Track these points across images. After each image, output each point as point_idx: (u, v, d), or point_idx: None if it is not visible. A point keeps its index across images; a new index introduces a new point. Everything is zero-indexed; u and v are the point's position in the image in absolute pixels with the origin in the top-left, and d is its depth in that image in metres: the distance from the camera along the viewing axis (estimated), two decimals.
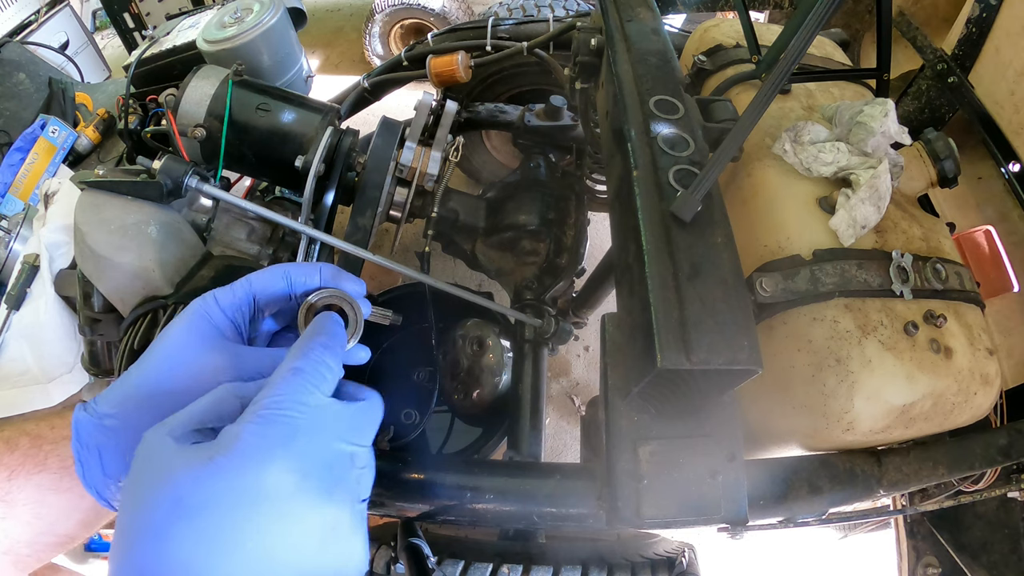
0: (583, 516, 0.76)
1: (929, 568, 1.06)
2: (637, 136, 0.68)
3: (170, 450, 0.38)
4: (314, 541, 0.38)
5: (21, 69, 1.76)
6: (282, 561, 0.36)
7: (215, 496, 0.36)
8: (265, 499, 0.36)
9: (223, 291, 0.48)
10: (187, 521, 0.35)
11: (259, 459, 0.37)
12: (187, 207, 0.99)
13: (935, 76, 1.11)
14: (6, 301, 1.13)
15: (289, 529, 0.37)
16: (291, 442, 0.38)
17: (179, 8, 2.49)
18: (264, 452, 0.37)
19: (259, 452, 0.37)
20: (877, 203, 0.75)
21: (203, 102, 1.03)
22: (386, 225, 1.25)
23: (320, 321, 0.48)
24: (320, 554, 0.38)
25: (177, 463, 0.37)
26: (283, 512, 0.37)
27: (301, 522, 0.37)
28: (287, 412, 0.39)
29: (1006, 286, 0.95)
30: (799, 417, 0.73)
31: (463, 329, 1.42)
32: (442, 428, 1.75)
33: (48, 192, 1.18)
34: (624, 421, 0.64)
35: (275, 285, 0.50)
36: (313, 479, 0.38)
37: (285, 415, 0.39)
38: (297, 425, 0.39)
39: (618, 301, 0.72)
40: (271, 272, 0.50)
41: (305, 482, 0.38)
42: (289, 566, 0.37)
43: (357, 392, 0.46)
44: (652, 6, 0.92)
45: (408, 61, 1.60)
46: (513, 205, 1.43)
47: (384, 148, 1.07)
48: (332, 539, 0.38)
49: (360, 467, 0.42)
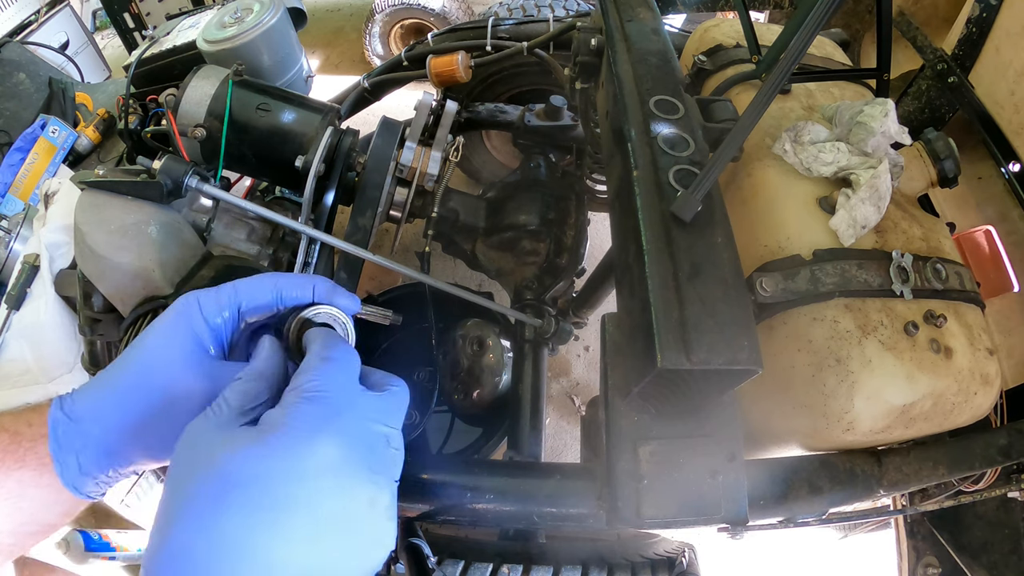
0: (583, 516, 0.76)
1: (929, 568, 1.06)
2: (637, 136, 0.68)
3: (215, 435, 0.39)
4: (359, 514, 0.39)
5: (21, 69, 1.76)
6: (329, 534, 0.37)
7: (266, 472, 0.36)
8: (314, 474, 0.37)
9: (207, 295, 0.48)
10: (238, 494, 0.36)
11: (307, 436, 0.38)
12: (187, 207, 0.99)
13: (935, 76, 1.11)
14: (6, 301, 1.13)
15: (336, 503, 0.38)
16: (335, 420, 0.40)
17: (179, 8, 2.49)
18: (311, 430, 0.38)
19: (307, 429, 0.38)
20: (877, 203, 0.75)
21: (203, 102, 1.03)
22: (386, 225, 1.25)
23: (321, 333, 0.48)
24: (362, 528, 0.39)
25: (224, 445, 0.38)
26: (331, 486, 0.38)
27: (347, 496, 0.38)
28: (328, 394, 0.41)
29: (1006, 286, 0.95)
30: (799, 417, 0.73)
31: (463, 329, 1.42)
32: (442, 428, 1.75)
33: (48, 192, 1.18)
34: (624, 421, 0.64)
35: (263, 297, 0.49)
36: (357, 455, 0.39)
37: (327, 396, 0.41)
38: (339, 406, 0.41)
39: (618, 301, 0.72)
40: (260, 282, 0.50)
41: (350, 457, 0.39)
42: (335, 539, 0.37)
43: (385, 380, 0.48)
44: (652, 6, 0.92)
45: (408, 61, 1.60)
46: (513, 205, 1.43)
47: (384, 148, 1.07)
48: (372, 514, 0.40)
49: (395, 448, 0.43)
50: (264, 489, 0.36)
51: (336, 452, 0.38)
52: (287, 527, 0.36)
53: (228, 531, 0.35)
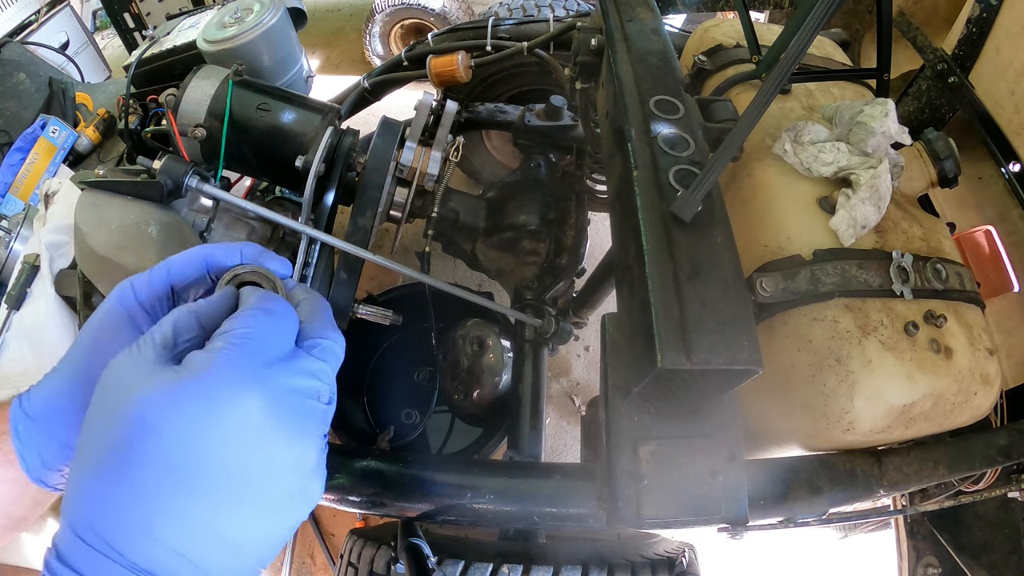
0: (583, 516, 0.76)
1: (929, 568, 1.06)
2: (637, 136, 0.68)
3: (133, 372, 0.37)
4: (283, 476, 0.38)
5: (21, 69, 1.76)
6: (250, 497, 0.36)
7: (182, 420, 0.34)
8: (236, 429, 0.35)
9: (139, 279, 0.47)
10: (150, 443, 0.34)
11: (231, 385, 0.36)
12: (187, 207, 0.99)
13: (935, 76, 1.11)
14: (6, 301, 1.13)
15: (258, 462, 0.36)
16: (263, 371, 0.38)
17: (179, 8, 2.49)
18: (236, 380, 0.36)
19: (231, 378, 0.36)
20: (877, 203, 0.75)
21: (203, 102, 1.03)
22: (386, 225, 1.25)
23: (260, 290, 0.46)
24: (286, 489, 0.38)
25: (141, 384, 0.36)
26: (254, 444, 0.36)
27: (271, 456, 0.37)
28: (258, 342, 0.39)
29: (1006, 286, 0.95)
30: (799, 417, 0.73)
31: (463, 329, 1.42)
32: (442, 428, 1.75)
33: (48, 192, 1.18)
34: (624, 421, 0.64)
35: (193, 270, 0.48)
36: (284, 411, 0.38)
37: (257, 345, 0.38)
38: (268, 357, 0.39)
39: (618, 301, 0.72)
40: (188, 256, 0.48)
41: (276, 412, 0.37)
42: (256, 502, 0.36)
43: (322, 331, 0.45)
44: (652, 6, 0.92)
45: (408, 61, 1.60)
46: (513, 205, 1.43)
47: (384, 148, 1.07)
48: (298, 475, 0.39)
49: (324, 402, 0.42)
50: (178, 440, 0.34)
51: (260, 406, 0.36)
52: (204, 487, 0.34)
53: (137, 484, 0.34)
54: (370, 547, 0.94)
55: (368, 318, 1.07)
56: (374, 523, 1.60)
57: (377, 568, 0.90)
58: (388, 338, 1.84)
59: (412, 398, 1.76)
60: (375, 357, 1.83)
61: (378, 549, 0.92)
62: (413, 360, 1.79)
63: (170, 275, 0.47)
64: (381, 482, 0.80)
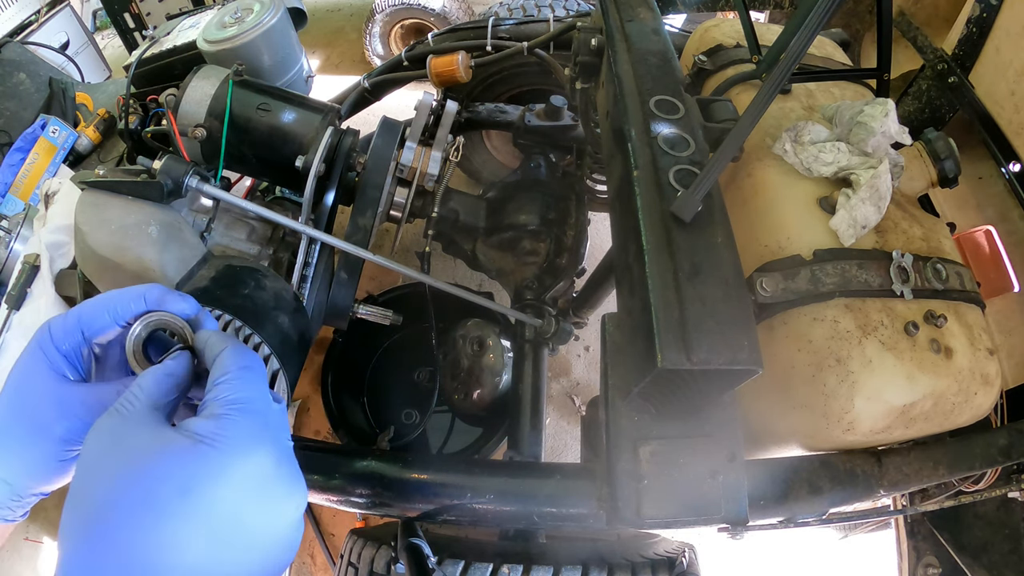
0: (583, 516, 0.76)
1: (929, 568, 1.06)
2: (637, 136, 0.68)
3: (138, 432, 0.40)
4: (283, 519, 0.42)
5: (21, 69, 1.76)
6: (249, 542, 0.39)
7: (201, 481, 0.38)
8: (250, 484, 0.39)
9: (56, 322, 0.48)
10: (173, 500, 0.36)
11: (244, 450, 0.40)
12: (187, 207, 0.99)
13: (935, 76, 1.11)
14: (6, 301, 1.13)
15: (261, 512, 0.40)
16: (266, 431, 0.42)
17: (179, 8, 2.49)
18: (248, 444, 0.40)
19: (243, 443, 0.40)
20: (877, 203, 0.75)
21: (203, 102, 1.03)
22: (386, 225, 1.25)
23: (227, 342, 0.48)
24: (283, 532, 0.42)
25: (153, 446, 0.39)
26: (258, 496, 0.40)
27: (274, 503, 0.41)
28: (255, 405, 0.43)
29: (1006, 286, 0.95)
30: (799, 417, 0.73)
31: (463, 329, 1.42)
32: (442, 428, 1.75)
33: (48, 192, 1.18)
34: (624, 421, 0.64)
35: (100, 319, 0.49)
36: (286, 462, 0.43)
37: (255, 408, 0.43)
38: (267, 417, 0.43)
39: (618, 301, 0.72)
40: (94, 305, 0.49)
41: (282, 463, 0.42)
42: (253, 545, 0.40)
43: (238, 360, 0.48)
44: (652, 6, 0.92)
45: (408, 61, 1.60)
46: (513, 205, 1.43)
47: (384, 148, 1.07)
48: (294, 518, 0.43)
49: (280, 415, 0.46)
50: (199, 497, 0.37)
51: (270, 461, 0.41)
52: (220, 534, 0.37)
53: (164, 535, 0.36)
54: (370, 547, 0.94)
55: (368, 318, 1.07)
56: (374, 523, 1.60)
57: (377, 568, 0.90)
58: (388, 338, 1.84)
59: (412, 398, 1.76)
60: (375, 357, 1.83)
61: (378, 549, 0.92)
62: (413, 360, 1.79)
63: (80, 323, 0.49)
64: (381, 482, 0.80)
